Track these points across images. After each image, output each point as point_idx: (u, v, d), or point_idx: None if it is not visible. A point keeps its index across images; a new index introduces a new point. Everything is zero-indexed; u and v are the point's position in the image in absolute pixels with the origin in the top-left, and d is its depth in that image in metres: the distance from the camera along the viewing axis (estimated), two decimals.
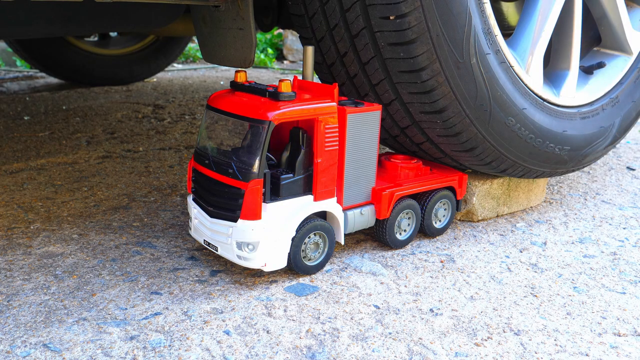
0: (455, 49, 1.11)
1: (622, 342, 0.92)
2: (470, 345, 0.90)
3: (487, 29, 1.16)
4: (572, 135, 1.37)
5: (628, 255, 1.24)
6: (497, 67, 1.19)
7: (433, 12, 1.07)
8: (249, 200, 0.98)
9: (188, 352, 0.86)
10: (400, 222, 1.21)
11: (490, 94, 1.19)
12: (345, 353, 0.87)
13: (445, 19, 1.09)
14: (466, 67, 1.14)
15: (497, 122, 1.22)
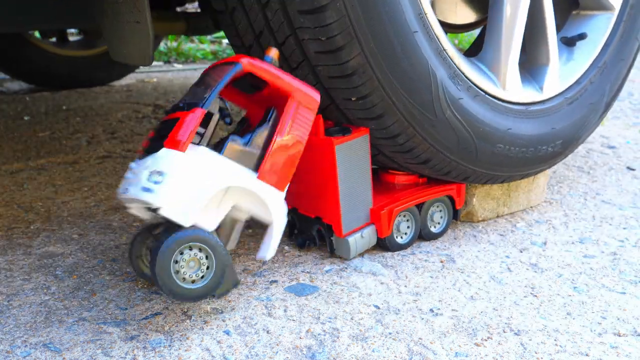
0: (427, 111, 1.09)
1: (622, 342, 0.92)
2: (470, 345, 0.90)
3: (452, 73, 1.12)
4: (562, 128, 1.34)
5: (628, 255, 1.24)
6: (472, 105, 1.16)
7: (396, 88, 1.05)
8: (179, 126, 0.88)
9: (188, 352, 0.86)
10: (399, 226, 1.21)
11: (473, 134, 1.16)
12: (345, 353, 0.87)
13: (409, 87, 1.06)
14: (442, 123, 1.11)
15: (485, 154, 1.20)
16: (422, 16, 1.06)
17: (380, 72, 1.02)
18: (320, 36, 0.98)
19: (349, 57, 0.99)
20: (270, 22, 1.03)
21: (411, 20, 1.03)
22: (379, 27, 0.99)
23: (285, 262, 1.16)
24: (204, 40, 4.93)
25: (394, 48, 1.02)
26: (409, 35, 1.03)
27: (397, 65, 1.03)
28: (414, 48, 1.04)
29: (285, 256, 1.19)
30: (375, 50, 1.00)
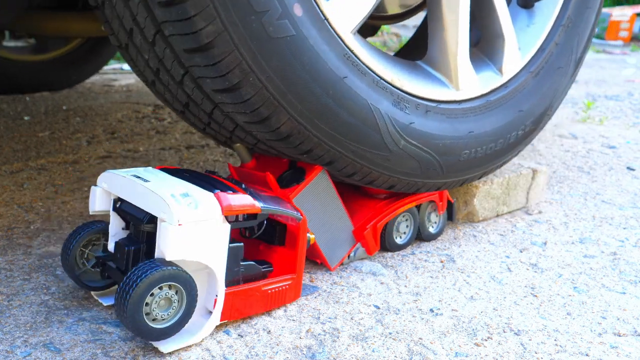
0: (379, 150, 1.04)
1: (622, 342, 0.92)
2: (470, 345, 0.90)
3: (396, 97, 1.04)
4: (530, 106, 1.26)
5: (628, 255, 1.24)
6: (426, 124, 1.09)
7: (340, 139, 0.99)
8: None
9: (188, 352, 0.86)
10: (399, 226, 1.21)
11: (433, 153, 1.11)
12: (345, 353, 0.87)
13: (354, 134, 1.00)
14: (397, 155, 1.06)
15: (452, 165, 1.16)
16: (348, 55, 0.97)
17: (318, 130, 0.96)
18: (243, 110, 0.93)
19: (279, 124, 0.94)
20: (187, 90, 0.97)
21: (337, 67, 0.95)
22: (303, 89, 0.92)
23: None
24: None
25: (326, 103, 0.95)
26: (339, 84, 0.95)
27: (335, 118, 0.97)
28: (348, 94, 0.97)
29: None
30: (305, 112, 0.94)
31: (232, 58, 0.86)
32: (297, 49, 0.89)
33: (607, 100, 3.42)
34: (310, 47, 0.91)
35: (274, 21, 0.86)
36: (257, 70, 0.88)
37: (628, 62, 6.13)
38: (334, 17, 0.95)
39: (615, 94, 3.68)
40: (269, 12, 0.85)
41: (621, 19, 9.27)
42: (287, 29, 0.88)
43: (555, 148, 2.14)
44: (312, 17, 0.91)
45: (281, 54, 0.88)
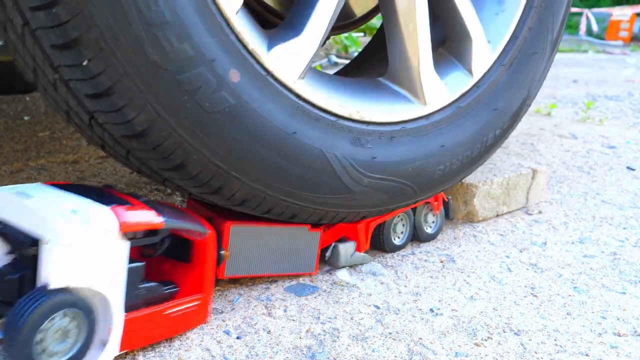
0: (342, 193, 0.99)
1: (622, 342, 0.92)
2: (470, 345, 0.90)
3: (355, 135, 0.99)
4: (506, 102, 1.18)
5: (628, 255, 1.24)
6: (391, 152, 1.03)
7: (299, 193, 0.96)
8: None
9: (188, 352, 0.86)
10: (396, 227, 1.20)
11: (404, 180, 1.06)
12: (345, 353, 0.87)
13: (312, 185, 0.96)
14: (363, 192, 1.01)
15: (426, 184, 1.12)
16: (298, 105, 0.91)
17: (274, 190, 0.93)
18: (194, 184, 0.89)
19: (232, 192, 0.91)
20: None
21: (285, 124, 0.89)
22: (251, 156, 0.88)
23: None
24: None
25: (278, 164, 0.90)
26: (289, 141, 0.90)
27: (290, 175, 0.92)
28: (300, 149, 0.92)
29: None
30: (258, 176, 0.90)
31: (172, 140, 0.82)
32: (239, 117, 0.85)
33: (607, 100, 3.42)
34: (253, 110, 0.86)
35: (209, 96, 0.81)
36: (201, 147, 0.83)
37: (628, 62, 6.13)
38: (278, 68, 0.88)
39: (615, 94, 3.68)
40: (201, 88, 0.80)
41: (621, 19, 9.27)
42: (225, 100, 0.83)
43: (555, 148, 2.14)
44: (252, 77, 0.85)
45: (222, 126, 0.84)
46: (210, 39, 0.80)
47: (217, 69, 0.81)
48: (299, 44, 0.91)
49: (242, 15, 0.84)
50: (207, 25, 0.79)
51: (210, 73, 0.80)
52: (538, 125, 2.54)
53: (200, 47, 0.79)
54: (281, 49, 0.89)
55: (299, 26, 0.92)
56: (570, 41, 8.86)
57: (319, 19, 0.92)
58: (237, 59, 0.83)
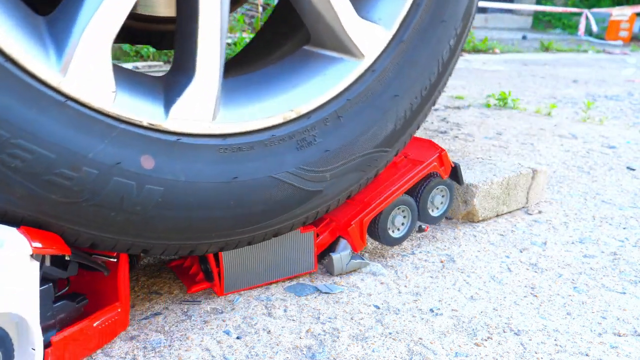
0: (312, 195, 0.95)
1: (622, 342, 0.92)
2: (470, 345, 0.90)
3: (299, 140, 0.93)
4: (410, 83, 1.03)
5: (628, 255, 1.24)
6: (341, 126, 0.95)
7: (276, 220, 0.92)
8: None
9: (188, 352, 0.86)
10: (394, 219, 1.16)
11: (373, 146, 0.99)
12: (345, 353, 0.87)
13: (275, 210, 0.92)
14: (331, 184, 0.97)
15: (391, 141, 1.02)
16: (227, 148, 0.87)
17: (247, 232, 0.92)
18: None
19: (206, 250, 0.91)
20: None
21: (221, 174, 0.86)
22: (211, 222, 0.86)
23: None
24: None
25: (238, 213, 0.88)
26: (235, 188, 0.87)
27: (254, 215, 0.90)
28: (250, 189, 0.88)
29: None
30: (227, 231, 0.89)
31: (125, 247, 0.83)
32: (174, 199, 0.82)
33: (607, 100, 3.42)
34: (183, 183, 0.83)
35: (136, 199, 0.80)
36: (165, 241, 0.86)
37: (628, 62, 6.13)
38: (186, 126, 0.82)
39: (615, 94, 3.68)
40: (124, 197, 0.78)
41: (621, 19, 9.27)
42: (153, 193, 0.80)
43: (555, 148, 2.14)
44: (165, 151, 0.80)
45: (167, 217, 0.82)
46: (102, 144, 0.75)
47: (126, 168, 0.77)
48: (197, 88, 0.83)
49: (120, 99, 0.77)
50: (93, 140, 0.74)
51: (124, 178, 0.77)
52: (538, 125, 2.54)
53: (95, 161, 0.74)
54: (180, 104, 0.81)
55: (189, 66, 0.83)
56: (570, 41, 8.85)
57: (207, 49, 0.82)
58: (141, 146, 0.78)
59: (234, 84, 0.92)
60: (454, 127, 2.45)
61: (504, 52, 6.70)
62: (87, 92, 0.74)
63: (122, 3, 0.74)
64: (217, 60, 0.83)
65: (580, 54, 7.13)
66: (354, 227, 1.09)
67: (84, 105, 0.74)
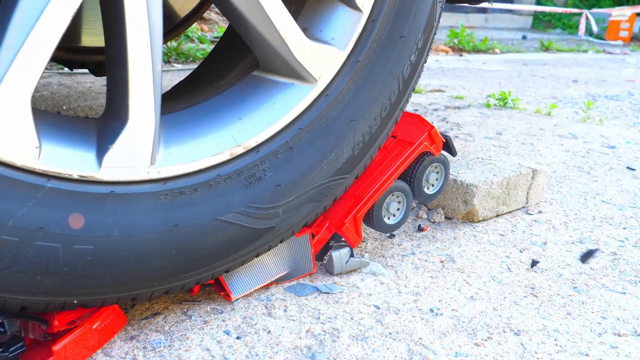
0: (264, 232, 0.91)
1: (622, 342, 0.92)
2: (470, 345, 0.90)
3: (248, 176, 0.88)
4: (366, 106, 0.97)
5: (628, 255, 1.24)
6: (294, 158, 0.91)
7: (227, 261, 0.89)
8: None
9: (188, 352, 0.86)
10: (389, 206, 1.14)
11: (330, 174, 0.95)
12: (345, 353, 0.87)
13: (225, 250, 0.88)
14: (283, 219, 0.93)
15: (351, 167, 0.98)
16: (164, 194, 0.80)
17: (198, 275, 0.88)
18: None
19: (148, 298, 0.87)
20: None
21: (162, 223, 0.81)
22: (157, 270, 0.82)
23: None
24: (204, 40, 4.93)
25: (182, 261, 0.84)
26: (177, 234, 0.82)
27: (202, 259, 0.86)
28: (193, 234, 0.83)
29: None
30: (175, 276, 0.85)
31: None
32: (106, 257, 0.77)
33: (607, 100, 3.42)
34: (117, 238, 0.77)
35: (63, 261, 0.73)
36: (101, 295, 0.81)
37: (628, 62, 6.13)
38: (121, 174, 0.76)
39: (615, 94, 3.68)
40: (49, 261, 0.72)
41: (621, 19, 9.27)
42: (83, 253, 0.74)
43: (555, 148, 2.14)
44: (95, 205, 0.75)
45: (101, 274, 0.78)
46: (24, 208, 0.69)
47: (51, 231, 0.71)
48: (131, 133, 0.77)
49: (46, 153, 0.71)
50: (13, 205, 0.68)
51: (49, 241, 0.71)
52: (538, 125, 2.54)
53: (16, 229, 0.68)
54: (114, 151, 0.76)
55: (122, 111, 0.76)
56: (570, 41, 8.85)
57: (140, 91, 0.76)
58: (69, 204, 0.72)
59: (176, 120, 0.85)
60: (454, 127, 2.45)
61: (504, 52, 6.71)
62: (6, 151, 0.66)
63: (41, 52, 0.67)
64: (151, 101, 0.77)
65: (581, 54, 7.13)
66: (348, 226, 1.08)
67: (2, 165, 0.67)
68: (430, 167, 1.19)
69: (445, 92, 3.45)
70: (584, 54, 7.15)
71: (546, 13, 12.13)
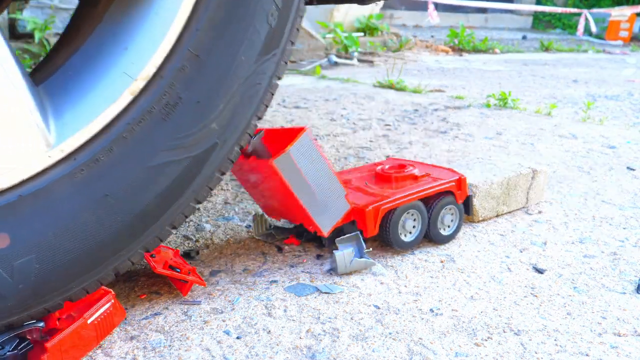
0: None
1: (622, 342, 0.92)
2: (470, 345, 0.90)
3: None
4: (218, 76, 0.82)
5: (628, 255, 1.24)
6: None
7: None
8: None
9: (188, 352, 0.86)
10: (405, 223, 1.19)
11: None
12: (345, 353, 0.87)
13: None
14: (20, 295, 0.78)
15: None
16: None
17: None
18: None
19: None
20: None
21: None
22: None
23: (285, 262, 1.16)
24: None
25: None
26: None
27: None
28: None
29: (285, 256, 1.19)
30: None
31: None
32: None
33: (607, 100, 3.41)
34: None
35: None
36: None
37: (628, 62, 6.13)
38: None
39: (615, 94, 3.68)
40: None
41: (621, 19, 9.27)
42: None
43: (555, 148, 2.14)
44: None
45: None
46: None
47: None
48: (3, 124, 0.67)
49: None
50: None
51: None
52: (538, 125, 2.54)
53: None
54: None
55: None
56: (570, 41, 8.85)
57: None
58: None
59: (55, 85, 0.74)
60: (454, 127, 2.45)
61: (504, 52, 6.70)
62: None
63: None
64: (10, 83, 0.65)
65: (581, 54, 7.13)
66: (370, 211, 1.12)
67: None
68: (446, 208, 1.25)
69: (446, 92, 3.45)
70: (584, 54, 7.15)
71: (546, 13, 12.13)
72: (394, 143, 2.16)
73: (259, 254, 1.19)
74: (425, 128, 2.43)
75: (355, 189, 1.22)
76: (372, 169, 1.35)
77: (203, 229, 1.31)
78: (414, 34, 7.78)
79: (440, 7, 8.90)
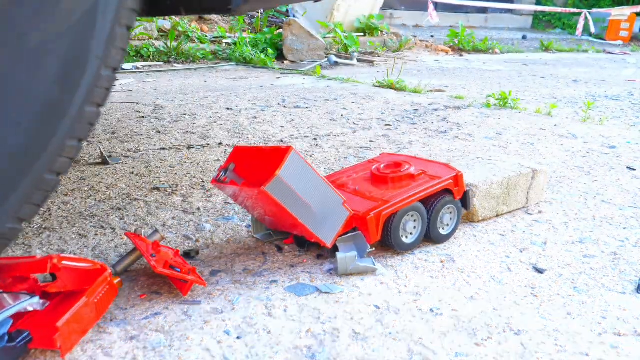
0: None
1: (622, 342, 0.92)
2: (470, 345, 0.90)
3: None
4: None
5: (628, 255, 1.24)
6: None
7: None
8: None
9: (188, 352, 0.86)
10: (406, 225, 1.19)
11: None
12: (345, 353, 0.87)
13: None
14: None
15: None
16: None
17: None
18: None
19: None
20: None
21: None
22: None
23: (285, 262, 1.16)
24: (204, 40, 4.93)
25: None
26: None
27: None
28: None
29: (285, 256, 1.19)
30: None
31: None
32: None
33: (607, 100, 3.41)
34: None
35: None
36: None
37: (628, 62, 6.12)
38: None
39: (615, 94, 3.68)
40: None
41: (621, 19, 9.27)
42: None
43: (555, 148, 2.14)
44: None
45: None
46: None
47: None
48: None
49: None
50: None
51: None
52: (538, 125, 2.54)
53: None
54: None
55: None
56: (570, 41, 8.85)
57: None
58: None
59: None
60: (454, 127, 2.45)
61: (504, 52, 6.70)
62: None
63: None
64: None
65: (581, 54, 7.13)
66: (372, 218, 1.11)
67: None
68: (446, 207, 1.24)
69: (446, 92, 3.45)
70: (584, 54, 7.15)
71: (546, 13, 12.12)
72: (394, 143, 2.16)
73: (259, 254, 1.19)
74: (425, 128, 2.43)
75: (353, 193, 1.22)
76: (366, 167, 1.34)
77: (203, 229, 1.31)
78: (414, 33, 7.78)
79: (440, 7, 8.91)
